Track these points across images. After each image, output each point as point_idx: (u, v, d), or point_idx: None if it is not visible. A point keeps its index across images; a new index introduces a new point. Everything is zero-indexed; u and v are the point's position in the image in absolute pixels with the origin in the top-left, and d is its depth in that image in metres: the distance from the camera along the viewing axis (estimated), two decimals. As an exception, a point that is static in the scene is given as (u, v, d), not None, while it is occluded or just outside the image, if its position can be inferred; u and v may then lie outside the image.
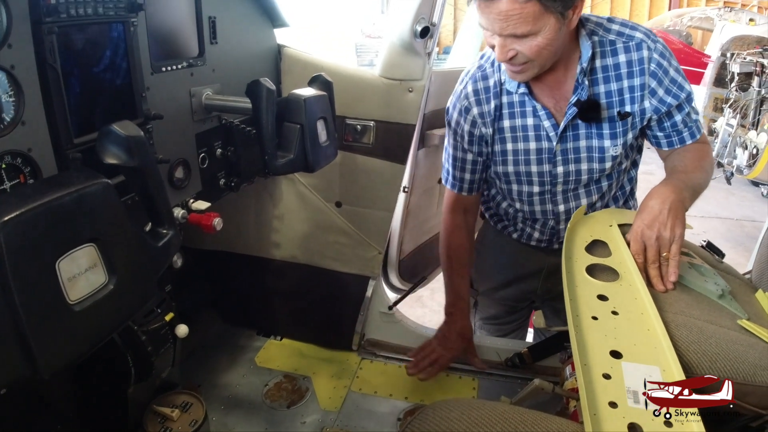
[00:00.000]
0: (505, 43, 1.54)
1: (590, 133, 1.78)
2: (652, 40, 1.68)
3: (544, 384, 1.64)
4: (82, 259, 0.96)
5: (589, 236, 1.57)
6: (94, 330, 1.01)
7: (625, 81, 1.70)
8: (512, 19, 1.47)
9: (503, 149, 1.89)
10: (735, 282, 1.66)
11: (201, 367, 2.26)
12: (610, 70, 1.71)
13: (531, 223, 2.07)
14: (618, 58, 1.69)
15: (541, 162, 1.85)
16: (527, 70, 1.63)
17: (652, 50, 1.67)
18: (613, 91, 1.72)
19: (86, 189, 0.97)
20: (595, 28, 1.71)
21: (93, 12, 1.18)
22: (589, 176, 1.85)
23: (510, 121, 1.84)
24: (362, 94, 2.06)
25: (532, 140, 1.83)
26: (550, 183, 1.89)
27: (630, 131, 1.77)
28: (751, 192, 7.98)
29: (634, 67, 1.69)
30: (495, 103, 1.84)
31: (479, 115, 1.87)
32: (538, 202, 1.96)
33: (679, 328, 1.27)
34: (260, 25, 1.92)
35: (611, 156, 1.80)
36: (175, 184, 1.55)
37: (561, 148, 1.82)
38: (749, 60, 6.63)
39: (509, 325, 2.45)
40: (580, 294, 1.35)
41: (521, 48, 1.54)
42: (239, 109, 1.61)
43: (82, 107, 1.21)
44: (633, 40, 1.68)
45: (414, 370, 2.07)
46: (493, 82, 1.84)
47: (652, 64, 1.67)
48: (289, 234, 2.31)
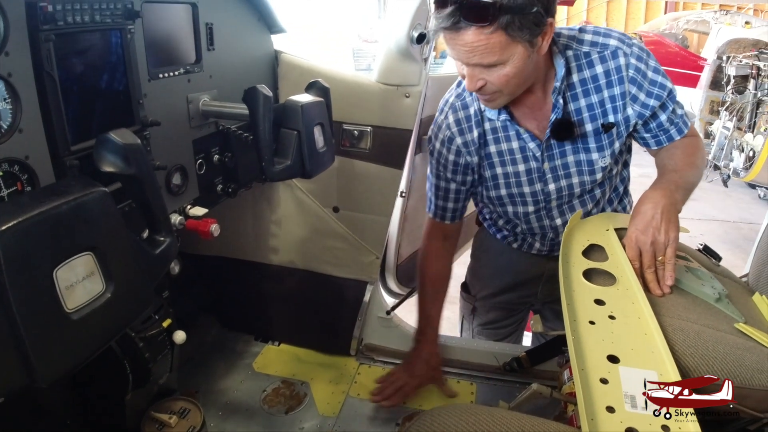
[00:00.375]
0: (474, 73, 1.53)
1: (577, 148, 1.77)
2: (627, 44, 1.66)
3: (542, 388, 1.64)
4: (80, 268, 0.96)
5: (585, 241, 1.57)
6: (91, 338, 1.01)
7: (605, 91, 1.69)
8: (478, 50, 1.45)
9: (493, 174, 1.89)
10: (732, 285, 1.67)
11: (199, 373, 2.25)
12: (589, 83, 1.69)
13: (530, 237, 2.08)
14: (595, 70, 1.67)
15: (532, 182, 1.85)
16: (497, 99, 1.63)
17: (628, 55, 1.65)
18: (595, 104, 1.70)
19: (83, 198, 0.97)
20: (568, 42, 1.69)
21: (90, 19, 1.19)
22: (581, 188, 1.86)
23: (496, 146, 1.84)
24: (359, 99, 2.06)
25: (520, 162, 1.83)
26: (544, 201, 1.89)
27: (616, 140, 1.76)
28: (748, 194, 8.00)
29: (612, 77, 1.67)
30: (478, 131, 1.83)
31: (463, 145, 1.87)
32: (535, 219, 1.96)
33: (676, 332, 1.27)
34: (257, 32, 1.92)
35: (601, 167, 1.79)
36: (172, 191, 1.55)
37: (550, 166, 1.81)
38: (745, 63, 6.66)
39: (507, 328, 2.45)
40: (577, 298, 1.35)
41: (489, 78, 1.53)
42: (236, 116, 1.62)
43: (80, 114, 1.22)
44: (608, 49, 1.66)
45: (378, 397, 2.04)
46: (474, 110, 1.83)
47: (630, 69, 1.65)
48: (286, 239, 2.31)
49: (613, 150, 1.77)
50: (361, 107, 2.07)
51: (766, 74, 6.33)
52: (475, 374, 2.27)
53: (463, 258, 4.47)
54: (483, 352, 2.29)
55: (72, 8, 1.14)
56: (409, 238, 2.67)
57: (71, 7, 1.14)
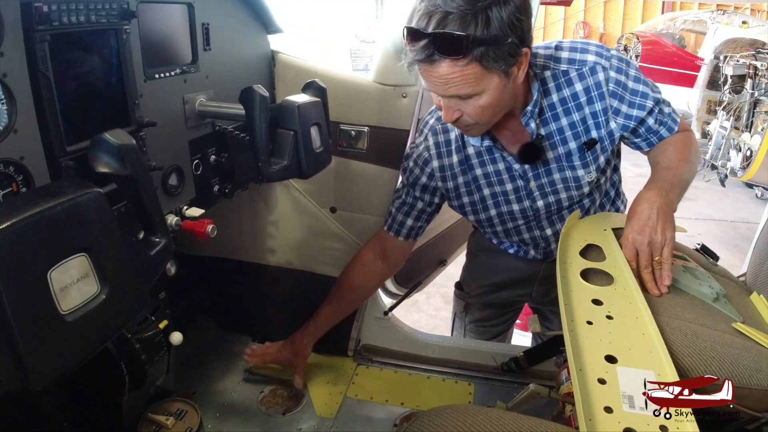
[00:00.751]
0: (450, 105, 1.52)
1: (561, 165, 1.76)
2: (605, 57, 1.64)
3: (540, 389, 1.64)
4: (74, 269, 0.95)
5: (583, 241, 1.57)
6: (86, 340, 1.00)
7: (586, 108, 1.67)
8: (454, 82, 1.43)
9: (482, 196, 1.88)
10: (729, 285, 1.67)
11: (196, 374, 2.25)
12: (569, 101, 1.68)
13: (524, 246, 2.09)
14: (574, 88, 1.66)
15: (520, 200, 1.85)
16: (473, 129, 1.63)
17: (607, 69, 1.64)
18: (576, 122, 1.69)
19: (78, 199, 0.96)
20: (545, 63, 1.67)
21: (85, 20, 1.18)
22: (569, 202, 1.85)
23: (482, 168, 1.83)
24: (356, 99, 2.06)
25: (507, 182, 1.83)
26: (533, 216, 1.89)
27: (601, 155, 1.75)
28: (745, 194, 8.02)
29: (592, 92, 1.66)
30: (458, 157, 1.83)
31: (439, 169, 1.87)
32: (526, 230, 1.96)
33: (674, 331, 1.27)
34: (254, 32, 1.92)
35: (587, 182, 1.79)
36: (168, 191, 1.54)
37: (536, 185, 1.81)
38: (742, 62, 6.66)
39: (498, 327, 2.45)
40: (574, 298, 1.35)
41: (465, 109, 1.52)
42: (233, 116, 1.61)
43: (75, 115, 1.21)
44: (586, 65, 1.65)
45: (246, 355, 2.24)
46: (455, 135, 1.82)
47: (611, 84, 1.64)
48: (284, 240, 2.30)
49: (598, 164, 1.76)
50: (358, 107, 2.07)
51: (763, 74, 6.34)
52: (473, 374, 2.28)
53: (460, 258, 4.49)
54: (481, 353, 2.30)
55: (67, 8, 1.13)
56: (407, 238, 2.67)
57: (66, 7, 1.13)
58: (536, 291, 2.21)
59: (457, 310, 2.52)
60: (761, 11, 12.47)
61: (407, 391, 2.21)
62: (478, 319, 2.45)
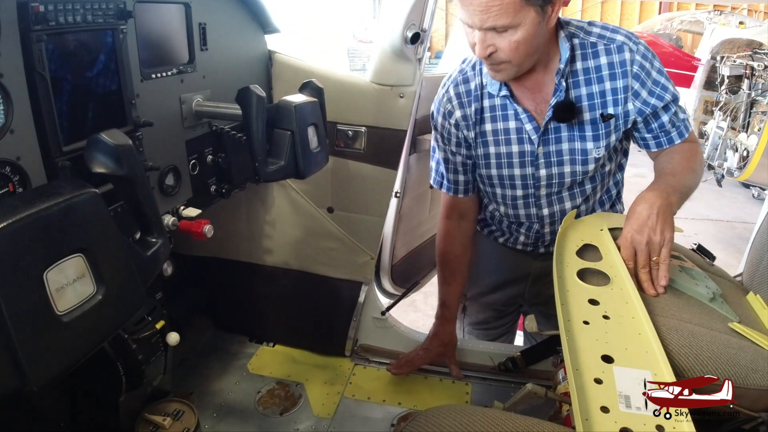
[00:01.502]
0: (485, 38, 1.54)
1: (573, 135, 1.78)
2: (634, 42, 1.68)
3: (537, 388, 1.64)
4: (70, 270, 0.96)
5: (580, 240, 1.58)
6: (82, 341, 1.00)
7: (607, 83, 1.70)
8: (493, 11, 1.46)
9: (486, 152, 1.89)
10: (726, 285, 1.67)
11: (193, 375, 2.25)
12: (592, 73, 1.71)
13: (516, 227, 2.07)
14: (599, 60, 1.69)
15: (524, 165, 1.86)
16: (505, 70, 1.64)
17: (634, 52, 1.67)
18: (595, 93, 1.72)
19: (74, 199, 0.96)
20: (575, 31, 1.71)
21: (82, 20, 1.18)
22: (572, 179, 1.85)
23: (492, 124, 1.85)
24: (353, 100, 2.06)
25: (515, 143, 1.84)
26: (534, 186, 1.89)
27: (613, 133, 1.77)
28: (742, 194, 8.04)
29: (616, 69, 1.69)
30: (476, 107, 1.85)
31: (462, 118, 1.88)
32: (522, 205, 1.96)
33: (671, 331, 1.27)
34: (251, 32, 1.92)
35: (594, 158, 1.80)
36: (165, 191, 1.55)
37: (543, 151, 1.82)
38: (739, 63, 6.67)
39: (497, 330, 2.45)
40: (571, 298, 1.35)
41: (500, 44, 1.54)
42: (230, 116, 1.61)
43: (72, 115, 1.21)
44: (614, 43, 1.68)
45: (391, 367, 2.24)
46: (474, 85, 1.85)
47: (635, 66, 1.67)
48: (281, 240, 2.30)
49: (608, 142, 1.77)
50: (356, 107, 2.07)
51: (759, 74, 6.35)
52: (471, 374, 2.27)
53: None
54: (478, 352, 2.30)
55: (64, 8, 1.13)
56: (404, 238, 2.68)
57: (63, 7, 1.13)
58: (528, 291, 2.21)
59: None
60: (758, 11, 12.49)
61: (404, 391, 2.21)
62: (476, 321, 2.46)
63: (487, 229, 2.19)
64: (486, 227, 2.19)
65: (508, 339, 2.52)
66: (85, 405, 1.65)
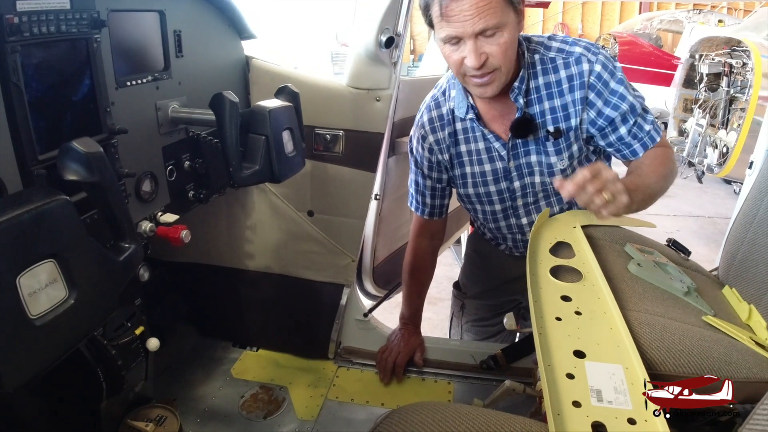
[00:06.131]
0: (476, 47, 1.56)
1: (538, 149, 1.81)
2: (593, 53, 1.70)
3: (515, 385, 1.66)
4: (42, 275, 0.97)
5: (553, 238, 1.60)
6: (56, 343, 1.02)
7: (567, 96, 1.72)
8: (483, 11, 1.50)
9: (463, 173, 1.95)
10: (701, 279, 1.70)
11: (176, 381, 2.24)
12: (553, 87, 1.73)
13: (501, 238, 2.13)
14: (559, 75, 1.72)
15: (498, 181, 1.91)
16: (496, 80, 1.65)
17: (592, 62, 1.68)
18: (556, 107, 1.75)
19: (44, 207, 0.97)
20: (536, 47, 1.75)
21: (56, 30, 1.19)
22: (544, 189, 1.89)
23: (466, 145, 1.91)
24: (331, 103, 2.07)
25: (486, 162, 1.89)
26: (510, 198, 1.94)
27: (574, 144, 1.79)
28: (723, 189, 8.12)
29: (574, 81, 1.70)
30: (449, 130, 1.90)
31: (435, 142, 1.94)
32: (502, 218, 2.02)
33: (643, 326, 1.30)
34: (227, 38, 1.93)
35: (560, 170, 1.82)
36: (142, 198, 1.55)
37: (515, 164, 1.86)
38: (717, 61, 6.73)
39: (495, 326, 2.47)
40: (543, 295, 1.37)
41: (491, 49, 1.57)
42: (206, 122, 1.62)
43: (47, 124, 1.22)
44: (572, 56, 1.70)
45: (386, 379, 2.25)
46: (446, 110, 1.90)
47: (592, 76, 1.69)
48: (262, 244, 2.31)
49: (571, 153, 1.80)
50: (333, 111, 2.08)
51: (738, 71, 6.42)
52: (453, 373, 2.29)
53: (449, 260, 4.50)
54: (460, 351, 2.31)
55: (38, 19, 1.14)
56: (385, 240, 2.69)
57: (37, 18, 1.14)
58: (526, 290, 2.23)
59: (454, 309, 2.58)
60: (738, 9, 12.64)
61: (388, 392, 2.22)
62: (474, 318, 2.50)
63: (488, 236, 2.24)
64: (484, 235, 2.25)
65: (506, 335, 2.55)
66: (66, 411, 1.65)
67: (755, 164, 2.22)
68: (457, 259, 4.19)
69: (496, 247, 2.23)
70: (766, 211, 1.64)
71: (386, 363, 2.26)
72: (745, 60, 6.28)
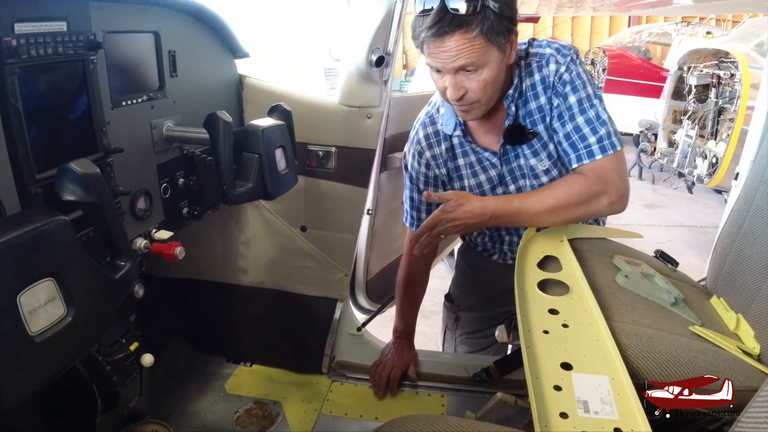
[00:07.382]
0: (456, 81, 1.61)
1: (523, 153, 1.85)
2: (562, 54, 1.72)
3: (507, 397, 1.68)
4: (42, 293, 0.99)
5: (540, 252, 1.62)
6: (54, 360, 1.04)
7: (542, 98, 1.76)
8: (463, 52, 1.54)
9: (462, 185, 1.98)
10: (689, 289, 1.71)
11: (171, 396, 2.25)
12: (529, 91, 1.77)
13: (500, 245, 2.14)
14: (534, 78, 1.76)
15: (494, 188, 1.93)
16: (474, 110, 1.71)
17: (559, 64, 1.72)
18: (533, 110, 1.78)
19: (43, 227, 1.00)
20: (519, 53, 1.77)
21: (53, 52, 1.22)
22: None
23: (463, 159, 1.94)
24: (323, 121, 2.11)
25: (481, 173, 1.93)
26: None
27: (549, 144, 1.81)
28: (714, 199, 8.16)
29: (546, 82, 1.74)
30: (446, 145, 1.94)
31: (432, 158, 1.97)
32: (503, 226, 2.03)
33: (629, 337, 1.31)
34: (221, 57, 1.96)
35: (543, 171, 1.85)
36: (137, 215, 1.57)
37: (507, 169, 1.89)
38: (706, 72, 6.78)
39: (489, 338, 2.47)
40: (531, 309, 1.39)
41: (470, 85, 1.62)
42: (200, 140, 1.65)
43: (44, 144, 1.24)
44: (543, 58, 1.74)
45: (381, 393, 2.26)
46: (441, 125, 1.93)
47: (556, 76, 1.72)
48: (255, 259, 2.33)
49: (549, 153, 1.82)
50: (325, 128, 2.12)
51: (726, 82, 6.47)
52: (446, 386, 2.29)
53: (443, 272, 4.49)
54: (453, 365, 2.32)
55: (35, 42, 1.17)
56: (378, 254, 2.71)
57: (34, 40, 1.17)
58: None
59: (447, 322, 2.57)
60: (726, 20, 12.76)
61: (381, 406, 2.23)
62: (468, 331, 2.50)
63: (480, 248, 2.25)
64: (476, 246, 2.26)
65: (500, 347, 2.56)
66: (61, 427, 1.66)
67: (741, 175, 2.25)
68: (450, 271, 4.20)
69: (488, 258, 2.24)
70: (751, 222, 1.66)
71: (380, 378, 2.26)
72: (733, 71, 6.34)
